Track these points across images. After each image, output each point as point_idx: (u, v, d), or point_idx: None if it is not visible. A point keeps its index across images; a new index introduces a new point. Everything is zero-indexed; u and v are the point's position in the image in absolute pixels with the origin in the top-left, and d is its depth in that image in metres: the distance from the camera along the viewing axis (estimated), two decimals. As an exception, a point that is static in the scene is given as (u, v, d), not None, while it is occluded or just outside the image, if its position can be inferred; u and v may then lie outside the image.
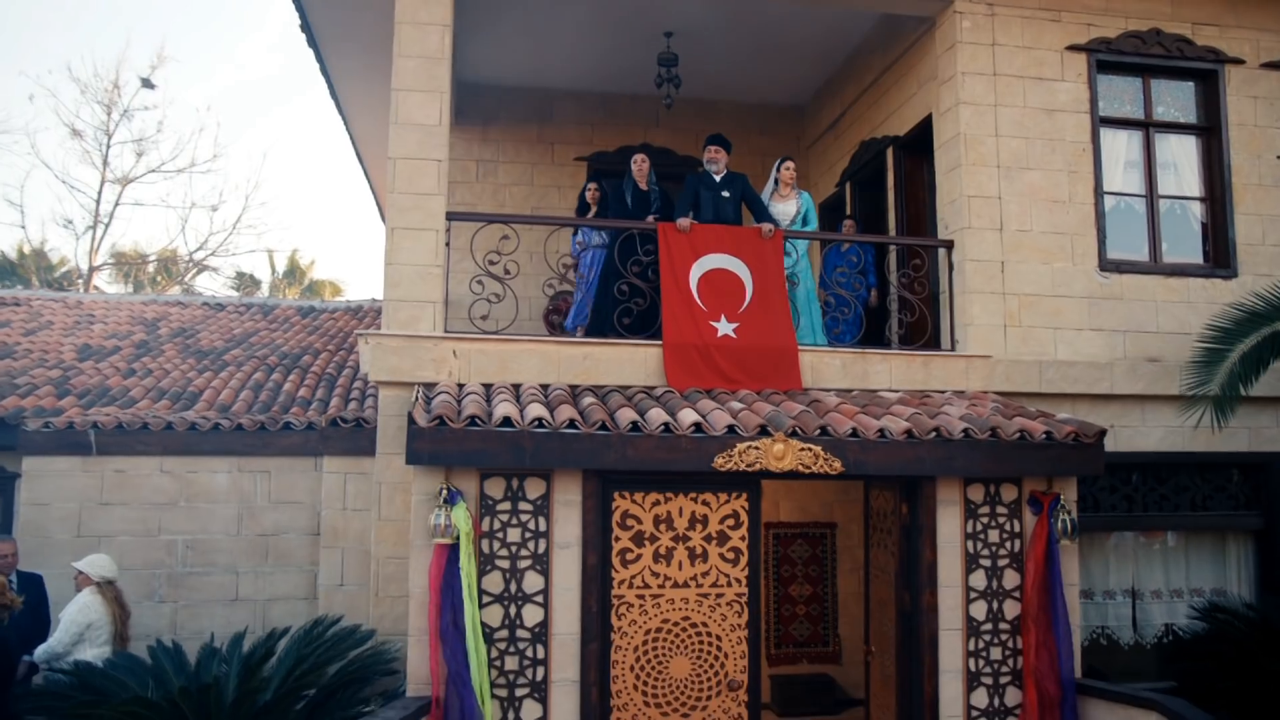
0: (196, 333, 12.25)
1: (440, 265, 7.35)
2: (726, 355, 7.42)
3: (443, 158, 7.45)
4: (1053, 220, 8.18)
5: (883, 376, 7.70)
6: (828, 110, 11.08)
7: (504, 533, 6.13)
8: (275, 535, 8.32)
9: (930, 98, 8.78)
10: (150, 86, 19.60)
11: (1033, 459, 6.46)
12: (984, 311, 7.96)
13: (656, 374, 7.38)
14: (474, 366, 7.21)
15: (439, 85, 7.53)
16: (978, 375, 7.84)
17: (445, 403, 6.15)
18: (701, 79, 10.89)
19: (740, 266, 7.78)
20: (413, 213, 7.36)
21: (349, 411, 7.99)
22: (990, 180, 8.11)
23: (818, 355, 7.66)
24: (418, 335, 7.17)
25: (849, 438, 6.23)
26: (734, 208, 8.27)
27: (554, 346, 7.34)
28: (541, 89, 11.30)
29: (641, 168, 8.71)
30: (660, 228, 7.74)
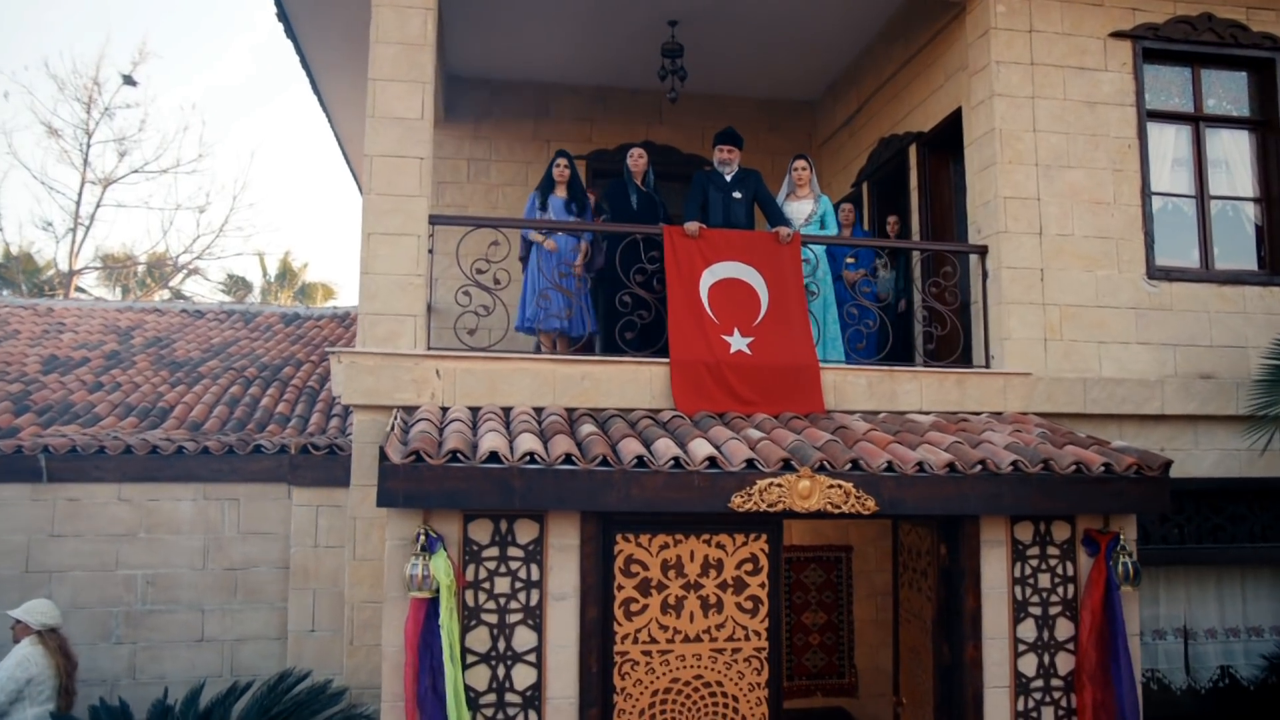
0: (172, 342, 11.41)
1: (422, 274, 6.52)
2: (740, 374, 6.59)
3: (425, 155, 6.62)
4: (1096, 223, 7.36)
5: (912, 397, 6.87)
6: (843, 105, 10.24)
7: (491, 582, 5.30)
8: (245, 569, 7.48)
9: (959, 90, 7.95)
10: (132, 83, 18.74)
11: (1089, 494, 5.63)
12: (1022, 324, 7.13)
13: (663, 395, 6.56)
14: (459, 387, 6.38)
15: (421, 75, 6.70)
16: (1016, 395, 7.01)
17: (424, 434, 5.32)
18: (707, 73, 10.06)
19: (754, 275, 6.96)
20: (391, 216, 6.53)
21: (322, 437, 7.17)
22: (1028, 180, 7.29)
23: (840, 373, 6.84)
24: (396, 353, 6.34)
25: (884, 472, 5.40)
26: (746, 210, 7.45)
27: (549, 365, 6.51)
28: (537, 83, 10.47)
29: (638, 163, 7.86)
30: (666, 232, 6.91)
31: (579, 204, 7.72)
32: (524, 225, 7.42)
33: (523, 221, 7.49)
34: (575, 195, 7.76)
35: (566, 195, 7.75)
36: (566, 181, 7.78)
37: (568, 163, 7.81)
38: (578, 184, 7.87)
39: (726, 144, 7.51)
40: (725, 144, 7.51)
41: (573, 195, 7.76)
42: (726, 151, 7.53)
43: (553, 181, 7.78)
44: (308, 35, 9.01)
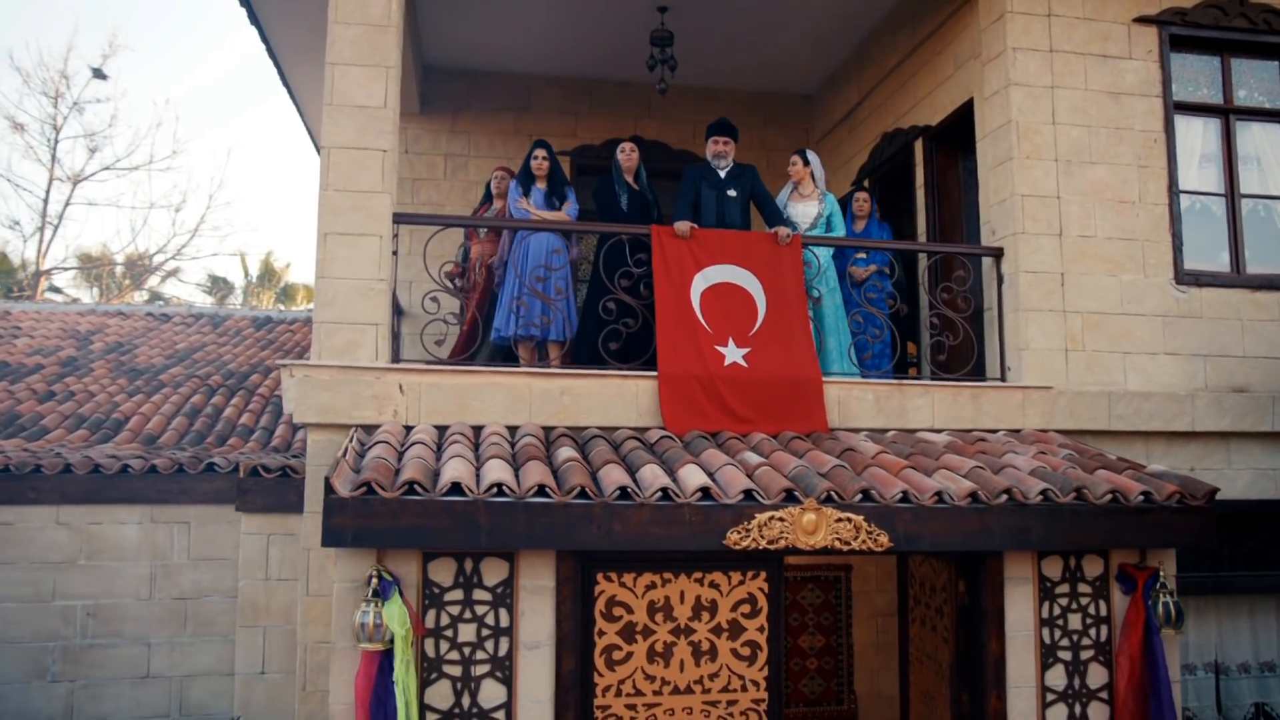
0: (134, 348, 10.70)
1: (384, 279, 5.85)
2: (735, 389, 5.93)
3: (388, 147, 5.94)
4: (1120, 224, 6.71)
5: (924, 413, 6.22)
6: (842, 98, 9.58)
7: (454, 630, 4.63)
8: (196, 599, 6.80)
9: (971, 80, 7.30)
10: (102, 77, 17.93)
11: (1126, 527, 4.99)
12: (1041, 333, 6.49)
13: (650, 412, 5.90)
14: (425, 404, 5.71)
15: (384, 58, 6.01)
16: (1036, 410, 6.37)
17: (379, 461, 4.64)
18: (698, 64, 9.38)
19: (751, 280, 6.29)
20: (350, 215, 5.85)
21: (275, 457, 6.49)
22: (1047, 176, 6.64)
23: (845, 388, 6.18)
24: (355, 366, 5.66)
25: (898, 504, 4.75)
26: (742, 209, 6.78)
27: (524, 379, 5.84)
28: (519, 74, 9.78)
29: (629, 159, 7.19)
30: (655, 233, 6.24)
31: (561, 198, 7.04)
32: (495, 224, 6.75)
33: (494, 220, 6.81)
34: (556, 188, 7.08)
35: (547, 188, 7.07)
36: (546, 174, 7.09)
37: (546, 154, 7.12)
38: (559, 177, 7.19)
39: (721, 135, 6.85)
40: (720, 135, 6.85)
41: (554, 188, 7.08)
42: (722, 144, 6.86)
43: (531, 175, 7.10)
44: (272, 20, 8.31)
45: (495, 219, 6.88)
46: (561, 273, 6.50)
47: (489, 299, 7.02)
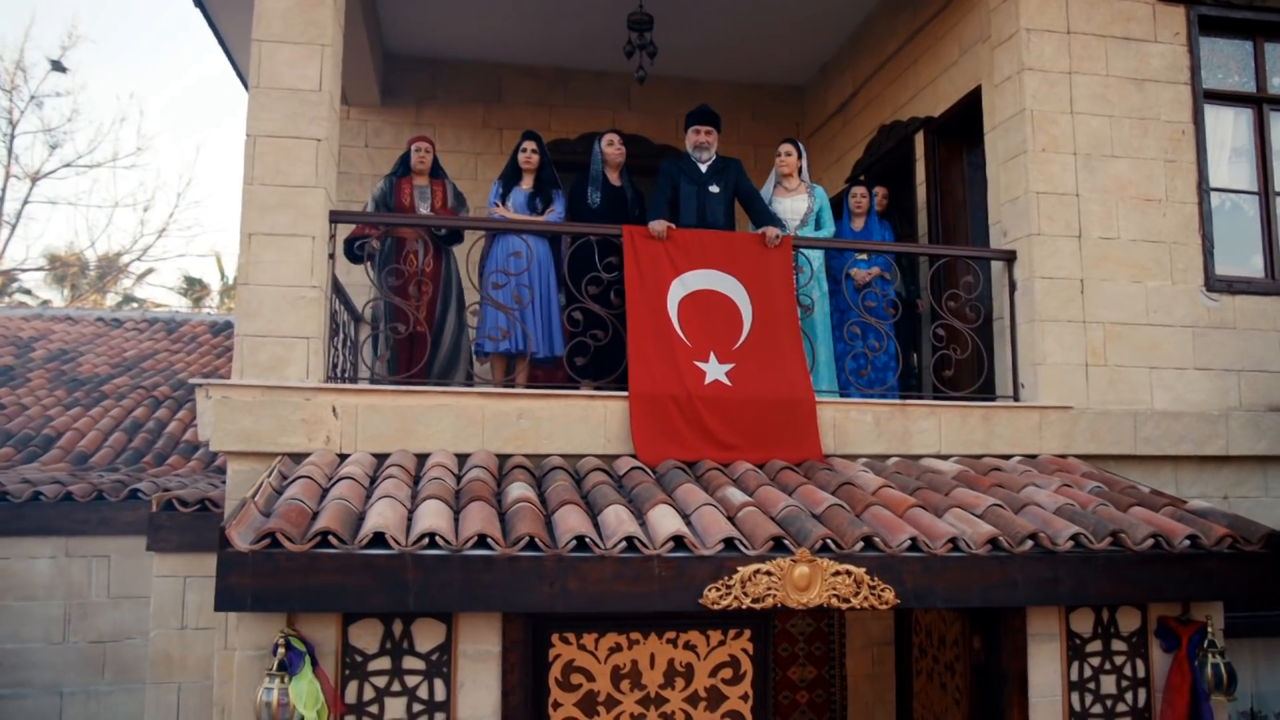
0: (79, 356, 9.88)
1: (318, 286, 5.07)
2: (717, 410, 5.18)
3: (323, 135, 5.16)
4: (1145, 224, 5.97)
5: (929, 436, 5.47)
6: (836, 89, 8.82)
7: (380, 705, 3.85)
8: (116, 642, 6.02)
9: (979, 66, 6.55)
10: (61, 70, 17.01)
11: (1169, 577, 4.23)
12: (1059, 346, 5.74)
13: (620, 437, 5.13)
14: (363, 429, 4.94)
15: (319, 35, 5.23)
16: (1054, 433, 5.62)
17: (292, 506, 3.86)
18: (681, 52, 8.62)
19: (735, 286, 5.54)
20: (279, 212, 5.07)
21: (194, 487, 5.70)
22: (1065, 172, 5.89)
23: (841, 409, 5.42)
24: (282, 386, 4.89)
25: (906, 552, 3.99)
26: (725, 206, 6.02)
27: (476, 400, 5.07)
28: (488, 63, 8.99)
29: (617, 151, 6.40)
30: (626, 234, 5.48)
31: (545, 200, 6.25)
32: (447, 224, 5.95)
33: (445, 219, 6.01)
34: (542, 188, 6.29)
35: (532, 188, 6.27)
36: (535, 170, 6.30)
37: (536, 147, 6.34)
38: (548, 175, 6.39)
39: (703, 124, 6.08)
40: (701, 124, 6.08)
41: (539, 188, 6.29)
42: (704, 134, 6.09)
43: (519, 170, 6.31)
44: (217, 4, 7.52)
45: (438, 217, 6.04)
46: (523, 278, 5.71)
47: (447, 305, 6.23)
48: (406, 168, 6.24)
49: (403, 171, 6.25)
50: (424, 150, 6.21)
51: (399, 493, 4.14)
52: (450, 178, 6.41)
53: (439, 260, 5.95)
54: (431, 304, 5.99)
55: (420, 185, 6.16)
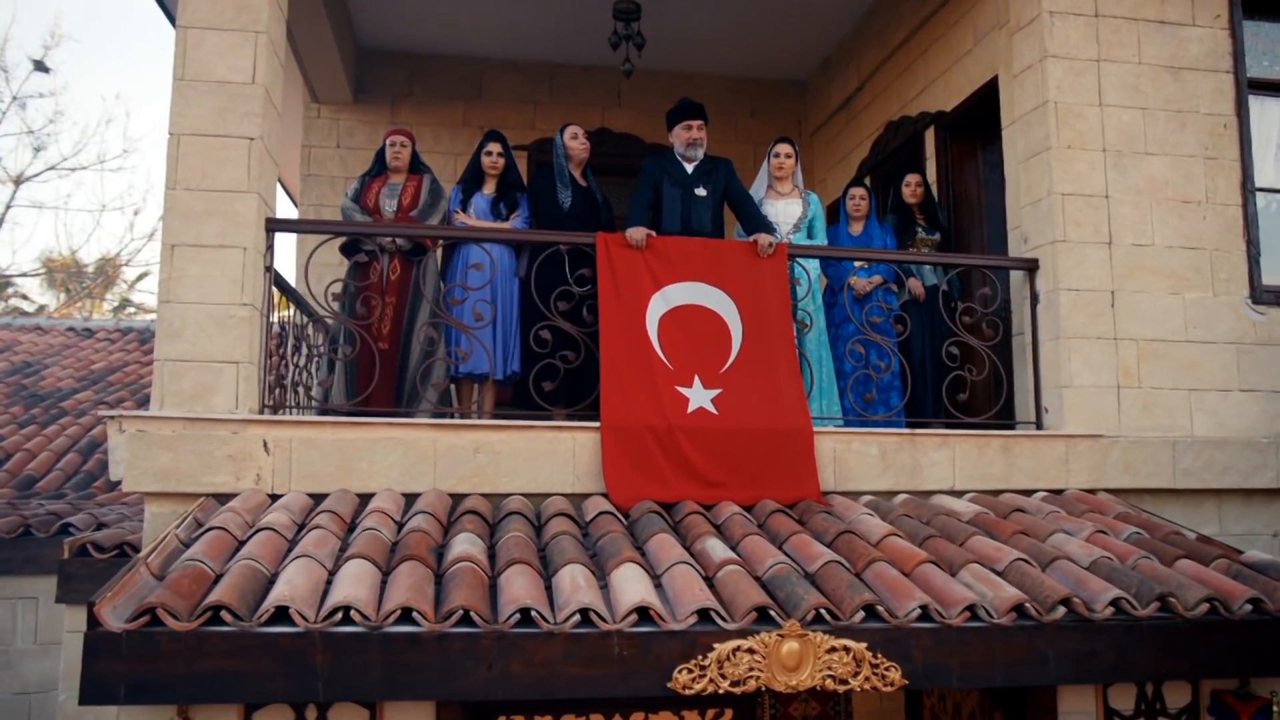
0: (43, 368, 9.30)
1: (251, 303, 4.44)
2: (702, 442, 4.53)
3: (257, 134, 4.53)
4: (1184, 229, 5.29)
5: (942, 470, 4.81)
6: (840, 83, 8.15)
7: (290, 808, 3.22)
8: (42, 693, 5.39)
9: (995, 54, 5.88)
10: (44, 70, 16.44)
11: (1228, 647, 3.56)
12: (1087, 366, 5.07)
13: (591, 474, 4.49)
14: (299, 466, 4.31)
15: (254, 21, 4.60)
16: (1082, 465, 4.95)
17: (191, 569, 3.24)
18: (674, 44, 7.99)
19: (724, 301, 4.89)
20: (206, 221, 4.44)
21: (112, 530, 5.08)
22: (1093, 171, 5.22)
23: (842, 439, 4.76)
24: (206, 417, 4.26)
25: (915, 623, 3.33)
26: (713, 211, 5.36)
27: (427, 433, 4.43)
28: (468, 57, 8.36)
29: (580, 146, 5.74)
30: (601, 242, 4.84)
31: (511, 205, 5.60)
32: (401, 232, 5.29)
33: (400, 228, 5.35)
34: (506, 193, 5.64)
35: (495, 192, 5.63)
36: (499, 174, 5.66)
37: (502, 149, 5.69)
38: (513, 179, 5.73)
39: (694, 118, 5.41)
40: (690, 119, 5.42)
41: (503, 193, 5.64)
42: (697, 129, 5.43)
43: (481, 173, 5.66)
44: None
45: (393, 226, 5.37)
46: (484, 293, 5.07)
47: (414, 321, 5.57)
48: (383, 165, 5.59)
49: (379, 169, 5.59)
50: (400, 145, 5.53)
51: (321, 550, 3.50)
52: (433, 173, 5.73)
53: (407, 270, 5.29)
54: (397, 320, 5.32)
55: (393, 183, 5.50)
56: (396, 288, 5.25)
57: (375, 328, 5.18)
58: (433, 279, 5.36)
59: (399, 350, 5.29)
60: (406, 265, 5.28)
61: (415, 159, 5.60)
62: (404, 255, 5.27)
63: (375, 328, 5.18)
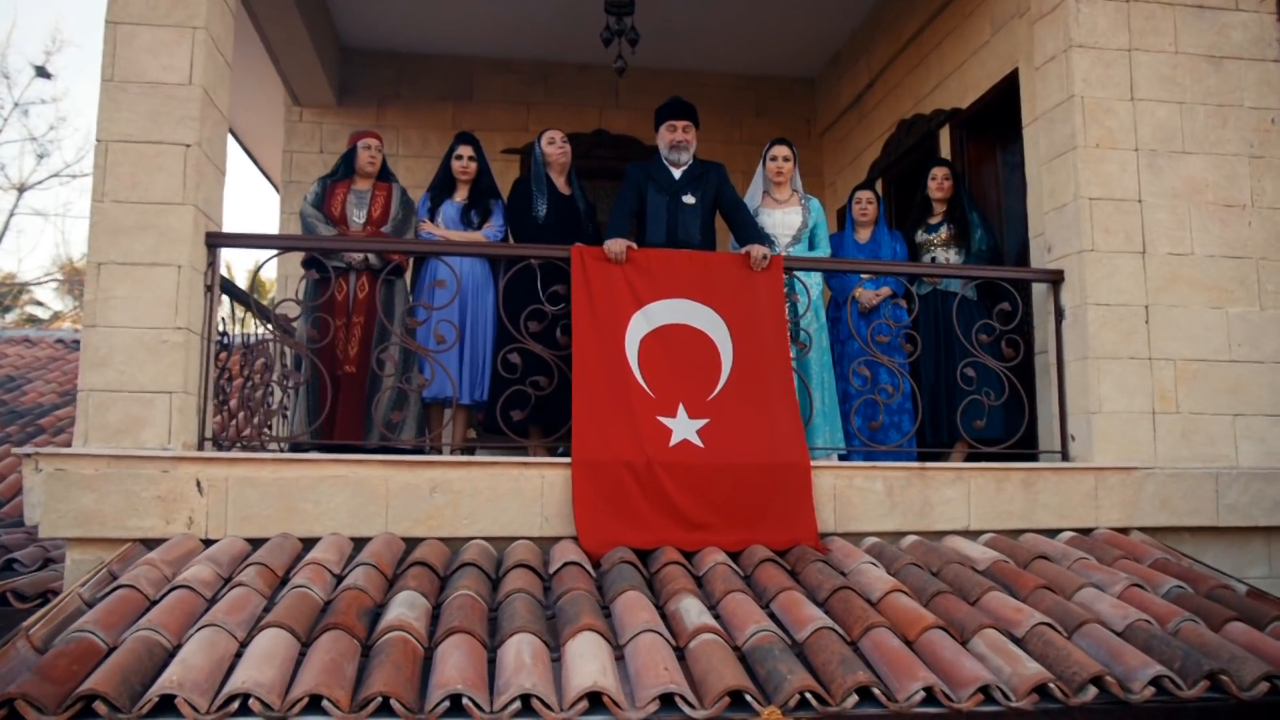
0: (26, 383, 8.91)
1: (186, 327, 3.99)
2: (685, 480, 4.03)
3: (194, 140, 4.08)
4: (1226, 236, 4.73)
5: (955, 508, 4.28)
6: (849, 80, 7.62)
7: None
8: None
9: (1015, 46, 5.35)
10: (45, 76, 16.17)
11: (1289, 731, 3.02)
12: (1119, 389, 4.52)
13: (562, 515, 4.01)
14: (236, 508, 3.86)
15: (192, 16, 4.16)
16: (1114, 501, 4.40)
17: (74, 645, 2.78)
18: (674, 41, 7.51)
19: (713, 320, 4.39)
20: (136, 236, 4.00)
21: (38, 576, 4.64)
22: (1124, 172, 4.67)
23: (844, 475, 4.24)
24: (133, 455, 3.81)
25: (919, 707, 2.81)
26: (702, 220, 4.85)
27: (379, 470, 3.96)
28: (458, 56, 7.90)
29: (559, 152, 5.24)
30: (576, 255, 4.35)
31: (484, 213, 5.12)
32: (343, 246, 4.81)
33: (357, 242, 4.87)
34: (478, 200, 5.16)
35: (467, 199, 5.15)
36: (471, 180, 5.18)
37: (473, 152, 5.21)
38: (486, 184, 5.24)
39: (679, 118, 4.92)
40: (676, 118, 4.92)
41: (475, 200, 5.16)
42: (682, 130, 4.93)
43: (452, 179, 5.19)
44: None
45: (345, 239, 4.86)
46: (449, 311, 4.60)
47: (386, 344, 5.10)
48: (349, 168, 5.11)
49: (344, 173, 5.12)
50: (375, 148, 5.07)
51: (236, 616, 3.03)
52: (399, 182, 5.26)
53: (375, 287, 4.81)
54: (366, 341, 4.83)
55: (360, 190, 5.03)
56: (365, 306, 4.77)
57: (342, 349, 4.73)
58: (403, 298, 4.89)
59: (369, 375, 4.81)
60: (375, 283, 4.81)
61: (384, 165, 5.14)
62: (373, 272, 4.79)
63: (342, 349, 4.73)
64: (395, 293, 4.84)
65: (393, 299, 4.80)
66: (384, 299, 4.77)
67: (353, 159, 5.07)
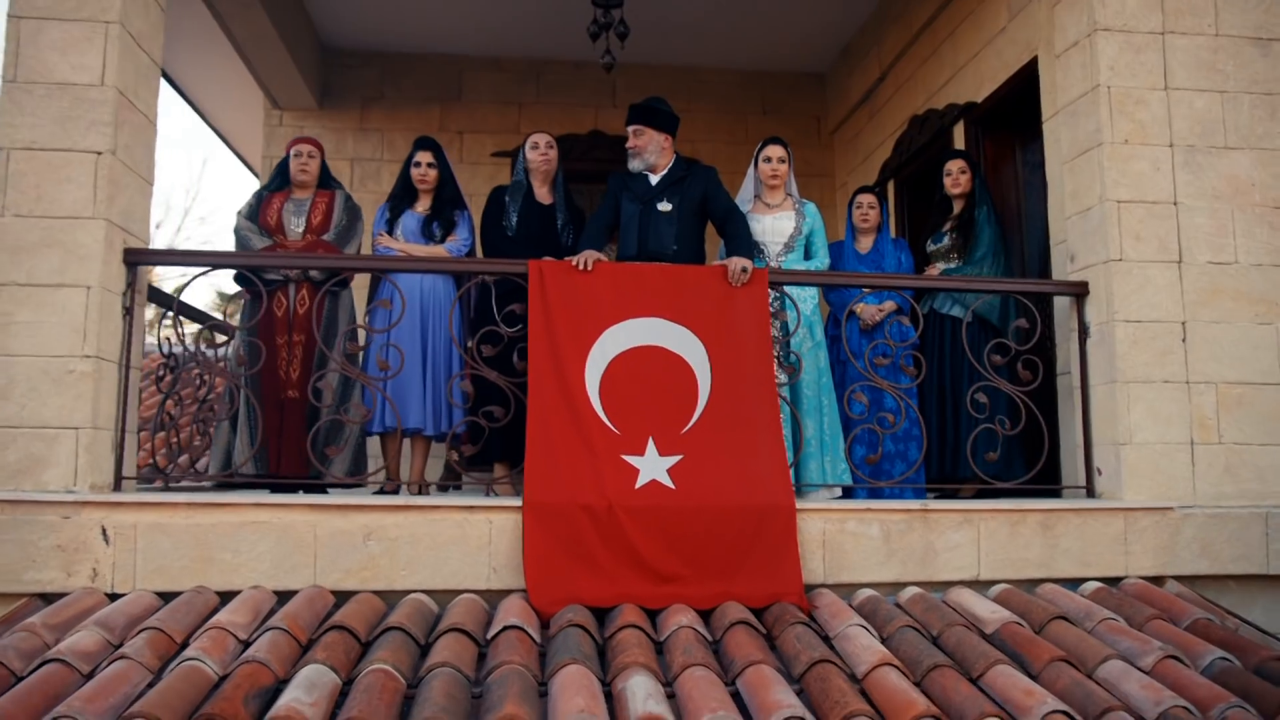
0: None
1: (98, 355, 3.56)
2: (653, 526, 3.53)
3: (107, 148, 3.65)
4: (1276, 242, 4.14)
5: (963, 554, 3.74)
6: (859, 74, 7.07)
7: None
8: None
9: (1034, 31, 4.79)
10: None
11: None
12: (1152, 417, 3.95)
13: (512, 565, 3.53)
14: (147, 558, 3.43)
15: (104, 10, 3.73)
16: (1146, 546, 3.84)
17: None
18: (674, 35, 7.02)
19: (688, 342, 3.88)
20: (40, 254, 3.58)
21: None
22: (1158, 171, 4.10)
23: (835, 518, 3.72)
24: (31, 499, 3.39)
25: (900, 829, 2.29)
26: (682, 230, 4.32)
27: (306, 514, 3.50)
28: (445, 55, 7.47)
29: (544, 157, 4.76)
30: (534, 271, 3.86)
31: (448, 225, 4.64)
32: (278, 262, 4.33)
33: (277, 256, 4.38)
34: (441, 210, 4.68)
35: (429, 210, 4.68)
36: (433, 188, 4.71)
37: (433, 159, 4.73)
38: (450, 193, 4.75)
39: (632, 122, 4.40)
40: (629, 122, 4.41)
41: (438, 210, 4.68)
42: (634, 135, 4.41)
43: (412, 189, 4.73)
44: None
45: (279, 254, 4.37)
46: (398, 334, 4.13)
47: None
48: (286, 178, 4.67)
49: (280, 183, 4.68)
50: (307, 155, 4.61)
51: (101, 702, 2.57)
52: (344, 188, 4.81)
53: (319, 301, 4.34)
54: (308, 361, 4.38)
55: (299, 199, 4.58)
56: (305, 323, 4.31)
57: (284, 371, 4.28)
58: (348, 314, 4.43)
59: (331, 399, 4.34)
60: (319, 296, 4.35)
61: (325, 172, 4.68)
62: (314, 284, 4.34)
63: (284, 371, 4.28)
64: (340, 307, 4.38)
65: (336, 314, 4.34)
66: (328, 314, 4.31)
67: (287, 166, 4.63)
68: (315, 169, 4.59)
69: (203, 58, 7.03)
